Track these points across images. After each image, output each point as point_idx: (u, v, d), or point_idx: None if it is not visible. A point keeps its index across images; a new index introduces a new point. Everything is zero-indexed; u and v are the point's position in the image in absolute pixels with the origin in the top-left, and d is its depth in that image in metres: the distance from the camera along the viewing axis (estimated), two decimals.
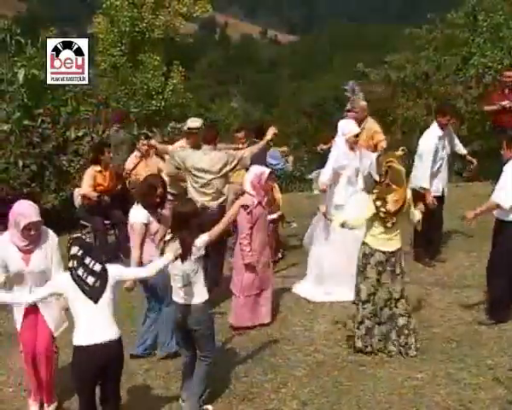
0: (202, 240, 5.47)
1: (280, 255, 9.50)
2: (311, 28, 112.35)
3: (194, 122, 8.89)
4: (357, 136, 7.93)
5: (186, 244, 5.41)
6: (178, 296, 5.62)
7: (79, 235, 5.10)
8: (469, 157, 9.14)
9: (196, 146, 8.58)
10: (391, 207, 6.21)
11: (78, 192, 10.08)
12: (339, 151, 7.95)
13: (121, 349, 5.08)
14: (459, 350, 6.55)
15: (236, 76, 73.86)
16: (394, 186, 6.21)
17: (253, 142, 8.95)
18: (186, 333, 5.69)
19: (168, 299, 6.09)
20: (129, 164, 10.56)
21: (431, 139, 8.57)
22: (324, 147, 9.69)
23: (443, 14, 19.11)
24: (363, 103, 9.59)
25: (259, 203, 7.07)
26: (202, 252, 5.48)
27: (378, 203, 6.25)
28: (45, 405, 5.97)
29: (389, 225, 6.30)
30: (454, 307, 7.53)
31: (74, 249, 4.92)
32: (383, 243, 6.39)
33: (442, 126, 8.55)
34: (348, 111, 10.64)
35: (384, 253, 6.39)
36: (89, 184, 9.75)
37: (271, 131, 8.24)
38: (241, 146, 9.36)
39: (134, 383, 6.36)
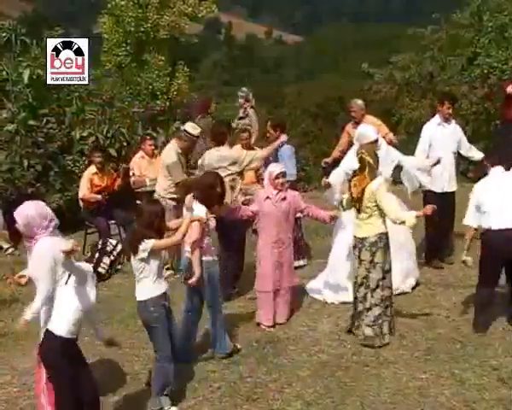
0: (147, 244, 5.53)
1: (302, 262, 9.27)
2: (315, 28, 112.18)
3: (193, 129, 8.87)
4: (375, 142, 7.72)
5: (132, 241, 5.66)
6: None
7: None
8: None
9: (185, 151, 8.65)
10: (352, 190, 6.75)
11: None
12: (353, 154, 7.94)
13: (44, 343, 5.04)
14: (464, 351, 6.54)
15: (241, 76, 73.87)
16: (357, 172, 6.75)
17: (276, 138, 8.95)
18: None
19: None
20: (133, 164, 10.58)
21: (428, 124, 8.70)
22: (328, 160, 9.70)
23: (448, 15, 19.08)
24: (360, 102, 9.57)
25: (268, 198, 7.27)
26: (145, 255, 5.54)
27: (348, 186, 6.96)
28: None
29: (354, 209, 6.83)
30: (459, 307, 7.52)
31: None
32: (355, 229, 6.87)
33: (443, 116, 8.56)
34: (241, 118, 10.52)
35: (354, 238, 6.85)
36: (85, 187, 9.78)
37: (283, 138, 8.59)
38: (240, 146, 9.41)
39: (138, 382, 6.36)
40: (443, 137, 8.55)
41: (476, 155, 8.87)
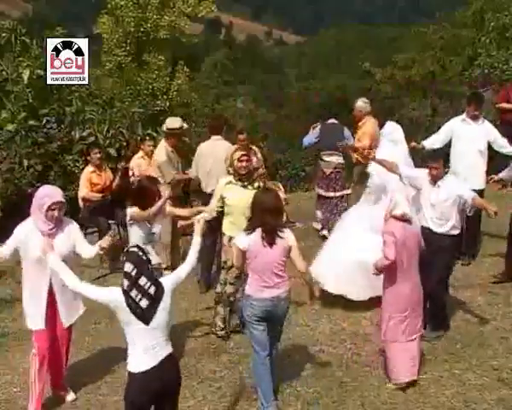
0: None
1: None
2: (317, 28, 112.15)
3: (173, 122, 8.77)
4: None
5: None
6: None
7: (135, 249, 4.51)
8: None
9: (176, 147, 8.58)
10: None
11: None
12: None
13: (176, 366, 4.67)
14: (464, 351, 6.54)
15: (242, 76, 73.82)
16: None
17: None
18: None
19: None
20: (133, 164, 10.56)
21: (453, 119, 8.68)
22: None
23: (450, 14, 19.11)
24: (360, 104, 9.55)
25: None
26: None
27: None
28: (65, 393, 6.15)
29: None
30: (459, 307, 7.50)
31: (128, 267, 4.40)
32: None
33: (470, 116, 8.55)
34: None
35: None
36: (85, 186, 9.77)
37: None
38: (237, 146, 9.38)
39: None
40: (467, 133, 8.47)
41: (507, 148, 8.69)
